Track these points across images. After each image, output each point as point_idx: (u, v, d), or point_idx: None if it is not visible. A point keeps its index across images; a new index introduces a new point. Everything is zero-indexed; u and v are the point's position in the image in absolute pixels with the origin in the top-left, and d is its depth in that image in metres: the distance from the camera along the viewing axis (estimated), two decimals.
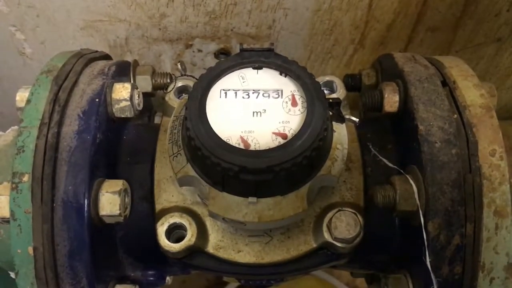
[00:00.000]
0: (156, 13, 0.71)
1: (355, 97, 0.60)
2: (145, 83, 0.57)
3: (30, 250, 0.42)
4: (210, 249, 0.50)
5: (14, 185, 0.43)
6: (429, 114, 0.45)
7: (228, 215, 0.45)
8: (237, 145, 0.42)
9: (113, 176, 0.48)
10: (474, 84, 0.48)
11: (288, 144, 0.42)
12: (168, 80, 0.57)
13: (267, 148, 0.42)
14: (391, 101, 0.49)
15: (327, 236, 0.48)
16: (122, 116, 0.49)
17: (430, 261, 0.42)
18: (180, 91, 0.57)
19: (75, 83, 0.49)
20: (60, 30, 0.74)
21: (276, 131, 0.43)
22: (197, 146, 0.42)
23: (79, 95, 0.48)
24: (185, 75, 0.57)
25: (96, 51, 0.57)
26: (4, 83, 0.85)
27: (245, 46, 0.48)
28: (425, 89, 0.47)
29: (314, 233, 0.49)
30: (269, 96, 0.45)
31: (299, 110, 0.44)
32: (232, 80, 0.46)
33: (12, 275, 0.52)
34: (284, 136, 0.43)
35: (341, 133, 0.48)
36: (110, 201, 0.44)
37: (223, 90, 0.46)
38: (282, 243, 0.50)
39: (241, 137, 0.43)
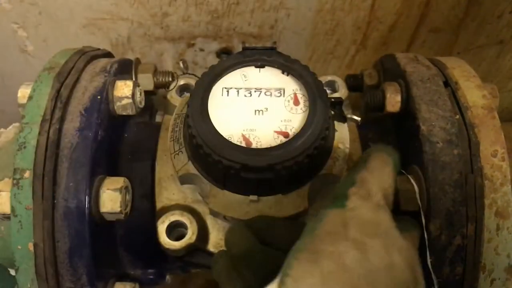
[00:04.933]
0: (159, 12, 0.71)
1: (356, 98, 0.60)
2: (147, 81, 0.57)
3: (31, 246, 0.42)
4: (210, 247, 0.49)
5: (15, 181, 0.43)
6: (431, 114, 0.45)
7: (229, 213, 0.45)
8: (238, 143, 0.42)
9: (114, 173, 0.48)
10: (476, 85, 0.48)
11: (290, 143, 0.42)
12: (170, 79, 0.57)
13: (269, 146, 0.42)
14: (393, 101, 0.49)
15: None
16: (124, 113, 0.49)
17: (431, 261, 0.42)
18: (182, 89, 0.57)
19: (77, 80, 0.49)
20: (62, 27, 0.74)
21: (278, 129, 0.43)
22: (198, 144, 0.42)
23: (81, 92, 0.48)
24: (187, 73, 0.57)
25: (98, 49, 0.57)
26: (6, 80, 0.85)
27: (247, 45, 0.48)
28: (427, 89, 0.47)
29: None
30: (271, 94, 0.45)
31: (301, 109, 0.44)
32: (234, 78, 0.46)
33: (12, 272, 0.52)
34: (286, 135, 0.43)
35: (342, 133, 0.47)
36: (111, 198, 0.44)
37: (225, 88, 0.46)
38: None
39: (243, 135, 0.43)
